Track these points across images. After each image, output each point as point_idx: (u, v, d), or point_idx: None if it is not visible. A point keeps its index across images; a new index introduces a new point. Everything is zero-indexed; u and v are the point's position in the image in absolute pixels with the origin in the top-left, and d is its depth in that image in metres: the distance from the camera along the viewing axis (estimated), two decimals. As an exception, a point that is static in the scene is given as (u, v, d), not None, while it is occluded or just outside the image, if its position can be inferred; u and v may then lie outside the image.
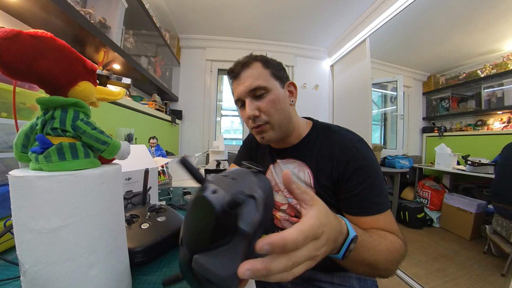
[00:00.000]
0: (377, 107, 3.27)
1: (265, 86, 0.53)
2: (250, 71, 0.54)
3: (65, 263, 0.24)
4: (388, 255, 0.39)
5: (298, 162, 0.59)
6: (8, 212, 0.42)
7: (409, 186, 2.81)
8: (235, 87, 0.56)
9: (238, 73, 0.55)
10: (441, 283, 1.42)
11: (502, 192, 1.56)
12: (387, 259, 0.39)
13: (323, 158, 0.54)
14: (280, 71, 0.57)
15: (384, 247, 0.39)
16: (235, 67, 0.56)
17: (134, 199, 0.60)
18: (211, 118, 2.76)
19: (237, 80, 0.55)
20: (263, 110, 0.54)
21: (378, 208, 0.47)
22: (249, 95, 0.54)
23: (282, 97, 0.55)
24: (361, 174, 0.49)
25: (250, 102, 0.54)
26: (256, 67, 0.54)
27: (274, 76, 0.55)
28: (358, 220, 0.48)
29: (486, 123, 2.56)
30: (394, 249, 0.41)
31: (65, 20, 0.91)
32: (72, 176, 0.24)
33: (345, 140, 0.53)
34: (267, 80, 0.54)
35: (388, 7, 1.79)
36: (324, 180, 0.53)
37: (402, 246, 0.43)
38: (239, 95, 0.55)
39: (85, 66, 0.28)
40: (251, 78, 0.53)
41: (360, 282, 0.59)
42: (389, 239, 0.42)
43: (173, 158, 1.30)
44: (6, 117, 0.49)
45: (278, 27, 2.37)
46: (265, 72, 0.54)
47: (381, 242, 0.39)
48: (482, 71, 2.56)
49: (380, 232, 0.43)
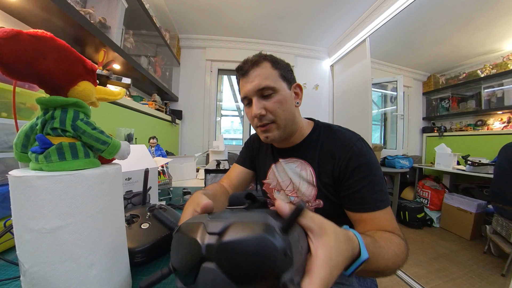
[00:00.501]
0: (377, 107, 3.27)
1: (273, 87, 0.54)
2: (260, 70, 0.54)
3: (65, 263, 0.24)
4: (396, 259, 0.39)
5: (300, 161, 0.60)
6: (8, 212, 0.42)
7: (409, 186, 2.81)
8: (243, 84, 0.56)
9: (247, 71, 0.55)
10: (441, 283, 1.42)
11: (501, 192, 1.56)
12: (394, 264, 0.39)
13: (325, 156, 0.56)
14: (288, 73, 0.58)
15: (392, 253, 0.39)
16: (244, 64, 0.56)
17: (134, 199, 0.60)
18: (211, 118, 2.76)
19: (246, 78, 0.55)
20: (270, 110, 0.54)
21: (378, 205, 0.48)
22: (256, 94, 0.54)
23: (288, 98, 0.56)
24: (361, 171, 0.50)
25: (257, 101, 0.54)
26: (265, 66, 0.54)
27: (282, 77, 0.56)
28: (359, 216, 0.49)
29: (486, 123, 2.56)
30: (400, 251, 0.41)
31: (65, 20, 0.91)
32: (72, 176, 0.24)
33: (346, 139, 0.54)
34: (276, 80, 0.54)
35: (388, 7, 1.79)
36: (326, 177, 0.55)
37: (405, 246, 0.43)
38: (247, 93, 0.55)
39: (85, 66, 0.28)
40: (260, 78, 0.53)
41: (360, 281, 0.60)
42: (395, 241, 0.42)
43: (173, 158, 1.30)
44: (6, 117, 0.49)
45: (278, 27, 2.37)
46: (274, 73, 0.54)
47: (389, 247, 0.39)
48: (482, 71, 2.56)
49: (386, 235, 0.43)
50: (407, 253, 0.42)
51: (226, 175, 0.74)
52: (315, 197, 0.57)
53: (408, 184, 2.81)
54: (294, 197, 0.61)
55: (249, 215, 0.22)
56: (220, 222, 0.21)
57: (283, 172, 0.64)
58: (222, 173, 1.00)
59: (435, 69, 3.08)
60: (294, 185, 0.60)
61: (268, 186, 0.69)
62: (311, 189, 0.57)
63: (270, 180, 0.68)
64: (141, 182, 0.58)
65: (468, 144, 2.57)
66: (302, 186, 0.59)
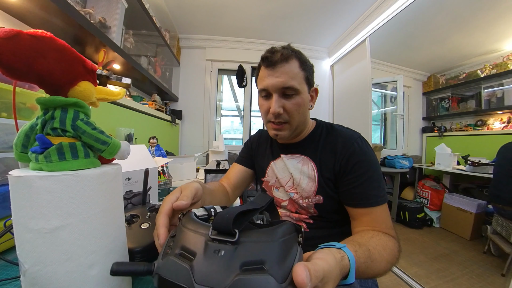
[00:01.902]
0: (377, 107, 3.27)
1: (297, 89, 0.53)
2: (288, 67, 0.52)
3: (65, 263, 0.24)
4: (387, 266, 0.41)
5: (302, 157, 0.61)
6: (8, 212, 0.42)
7: (409, 186, 2.81)
8: (266, 75, 0.54)
9: (275, 64, 0.52)
10: (441, 283, 1.42)
11: (500, 193, 1.56)
12: (385, 270, 0.41)
13: (326, 152, 0.57)
14: (312, 76, 0.58)
15: (384, 262, 0.41)
16: (272, 54, 0.53)
17: (134, 199, 0.60)
18: (211, 118, 2.76)
19: (271, 70, 0.53)
20: (288, 110, 0.54)
21: (376, 200, 0.50)
22: (279, 91, 0.54)
23: (306, 101, 0.57)
24: (360, 167, 0.52)
25: (277, 98, 0.54)
26: (294, 64, 0.53)
27: (306, 80, 0.55)
28: (357, 211, 0.52)
29: (486, 123, 2.56)
30: (392, 256, 0.43)
31: (65, 20, 0.91)
32: (72, 176, 0.24)
33: (347, 136, 0.56)
34: (300, 82, 0.54)
35: (388, 7, 1.79)
36: (327, 172, 0.56)
37: (398, 248, 0.46)
38: (269, 87, 0.54)
39: (85, 66, 0.28)
40: (287, 76, 0.52)
41: (361, 282, 0.60)
42: (389, 247, 0.44)
43: (173, 158, 1.30)
44: (6, 117, 0.49)
45: (278, 27, 2.37)
46: (301, 74, 0.54)
47: (382, 257, 0.41)
48: (482, 71, 2.56)
49: (382, 241, 0.44)
50: (399, 255, 0.45)
51: (226, 175, 0.75)
52: (315, 192, 0.58)
53: (408, 184, 2.81)
54: (294, 193, 0.62)
55: (247, 285, 0.19)
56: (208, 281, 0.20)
57: (284, 168, 0.64)
58: (222, 173, 1.00)
59: (435, 69, 3.09)
60: (295, 180, 0.61)
61: (267, 184, 0.70)
62: (312, 184, 0.58)
63: (269, 177, 0.69)
64: (141, 182, 0.58)
65: (468, 144, 2.57)
66: (303, 181, 0.60)
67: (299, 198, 0.60)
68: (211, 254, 0.22)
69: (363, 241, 0.41)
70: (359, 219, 0.52)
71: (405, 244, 1.95)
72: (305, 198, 0.59)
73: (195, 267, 0.21)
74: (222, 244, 0.23)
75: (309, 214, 0.61)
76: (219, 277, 0.20)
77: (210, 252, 0.22)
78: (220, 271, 0.21)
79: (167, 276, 0.22)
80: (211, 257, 0.22)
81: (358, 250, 0.37)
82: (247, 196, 1.96)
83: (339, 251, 0.32)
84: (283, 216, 0.65)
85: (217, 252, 0.22)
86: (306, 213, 0.61)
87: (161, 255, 0.25)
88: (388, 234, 0.47)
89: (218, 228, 0.24)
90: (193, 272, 0.21)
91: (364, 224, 0.50)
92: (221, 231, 0.24)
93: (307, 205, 0.59)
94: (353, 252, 0.34)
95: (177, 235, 0.26)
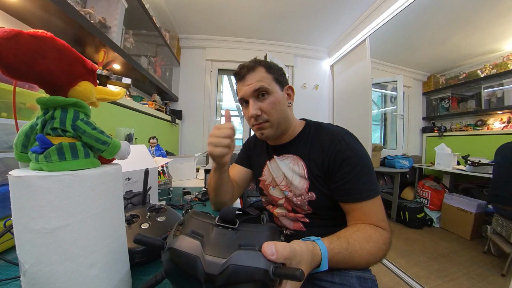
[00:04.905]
0: (377, 107, 3.27)
1: (267, 88, 0.58)
2: (255, 74, 0.59)
3: (65, 263, 0.24)
4: (369, 258, 0.45)
5: (292, 157, 0.64)
6: (8, 212, 0.42)
7: (409, 186, 2.81)
8: (240, 87, 0.62)
9: (244, 76, 0.60)
10: (441, 283, 1.42)
11: (500, 193, 1.55)
12: (367, 262, 0.45)
13: (315, 150, 0.60)
14: (281, 76, 0.63)
15: (366, 253, 0.44)
16: (240, 70, 0.62)
17: (134, 199, 0.60)
18: (211, 118, 2.76)
19: (242, 82, 0.61)
20: (264, 110, 0.59)
21: (368, 194, 0.51)
22: (252, 95, 0.59)
23: (281, 99, 0.61)
24: (349, 164, 0.53)
25: (253, 102, 0.59)
26: (260, 71, 0.60)
27: (275, 80, 0.61)
28: (349, 206, 0.54)
29: (486, 123, 2.56)
30: (377, 249, 0.46)
31: (65, 20, 0.91)
32: (72, 176, 0.24)
33: (334, 134, 0.59)
34: (269, 83, 0.59)
35: (388, 7, 1.79)
36: (317, 170, 0.58)
37: (387, 240, 0.48)
38: (244, 95, 0.60)
39: (85, 66, 0.28)
40: (255, 80, 0.59)
41: (361, 282, 0.59)
42: (374, 240, 0.46)
43: (173, 158, 1.30)
44: (6, 117, 0.49)
45: (278, 27, 2.37)
46: (268, 76, 0.60)
47: (363, 249, 0.44)
48: (482, 71, 2.56)
49: (366, 233, 0.47)
50: (386, 247, 0.47)
51: None
52: (307, 189, 0.60)
53: (408, 184, 2.81)
54: (288, 191, 0.64)
55: (244, 256, 0.26)
56: (217, 261, 0.26)
57: (277, 168, 0.67)
58: (222, 173, 1.00)
59: (435, 69, 3.08)
60: (288, 179, 0.63)
61: (264, 182, 0.72)
62: (303, 182, 0.60)
63: (265, 177, 0.72)
64: (141, 182, 0.58)
65: (468, 144, 2.57)
66: (295, 180, 0.62)
67: (293, 196, 0.63)
68: (217, 235, 0.30)
69: (345, 234, 0.46)
70: (351, 214, 0.54)
71: (405, 244, 1.95)
72: (298, 196, 0.61)
73: (205, 243, 0.28)
74: (225, 229, 0.31)
75: (304, 212, 0.62)
76: (223, 250, 0.27)
77: (217, 234, 0.30)
78: (224, 247, 0.28)
79: (181, 247, 0.27)
80: (217, 237, 0.29)
81: (333, 242, 0.42)
82: (247, 196, 1.96)
83: (312, 242, 0.39)
84: (280, 217, 0.68)
85: (222, 234, 0.30)
86: (301, 211, 0.63)
87: (172, 235, 0.30)
88: (378, 227, 0.49)
89: (224, 217, 0.32)
90: (203, 246, 0.27)
91: (356, 218, 0.52)
92: (225, 220, 0.32)
93: (301, 203, 0.61)
94: (327, 243, 0.40)
95: (185, 223, 0.32)
